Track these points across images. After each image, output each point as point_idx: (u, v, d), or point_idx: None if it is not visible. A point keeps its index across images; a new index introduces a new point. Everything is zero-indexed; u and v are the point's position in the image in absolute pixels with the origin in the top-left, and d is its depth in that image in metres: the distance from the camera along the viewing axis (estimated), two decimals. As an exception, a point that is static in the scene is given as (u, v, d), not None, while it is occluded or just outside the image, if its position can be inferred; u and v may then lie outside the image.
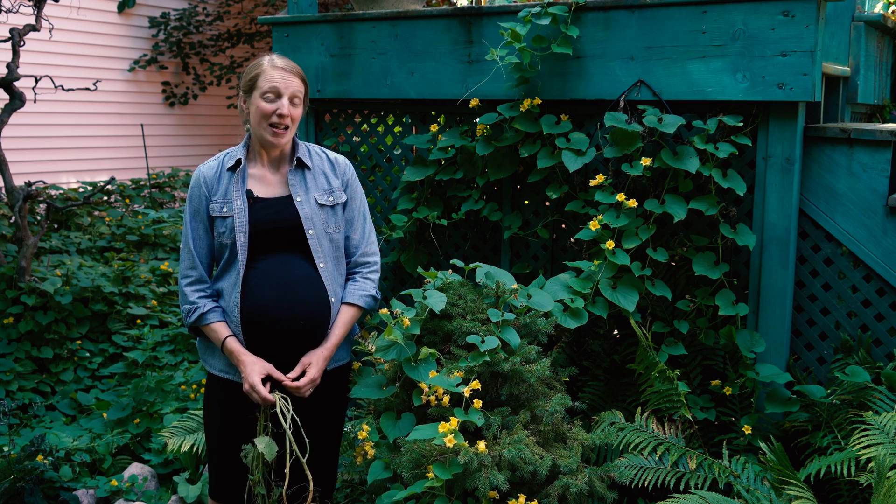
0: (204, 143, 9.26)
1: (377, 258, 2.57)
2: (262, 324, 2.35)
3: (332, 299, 2.42)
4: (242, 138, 2.53)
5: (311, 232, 2.39)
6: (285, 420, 2.25)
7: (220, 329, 2.37)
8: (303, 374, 2.36)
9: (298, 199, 2.40)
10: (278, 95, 2.34)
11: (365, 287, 2.51)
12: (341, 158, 2.54)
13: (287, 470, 2.26)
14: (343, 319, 2.45)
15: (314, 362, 2.37)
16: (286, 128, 2.37)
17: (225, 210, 2.37)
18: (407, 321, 2.32)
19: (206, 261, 2.43)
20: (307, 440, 2.32)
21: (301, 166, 2.45)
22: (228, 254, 2.38)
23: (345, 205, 2.49)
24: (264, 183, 2.43)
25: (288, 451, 2.25)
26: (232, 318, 2.37)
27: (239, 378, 2.37)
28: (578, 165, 2.95)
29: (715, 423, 2.95)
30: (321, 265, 2.41)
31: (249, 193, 2.39)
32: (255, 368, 2.30)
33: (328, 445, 2.56)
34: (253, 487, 2.30)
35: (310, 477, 2.28)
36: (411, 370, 2.28)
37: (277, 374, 2.33)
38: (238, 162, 2.41)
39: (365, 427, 2.45)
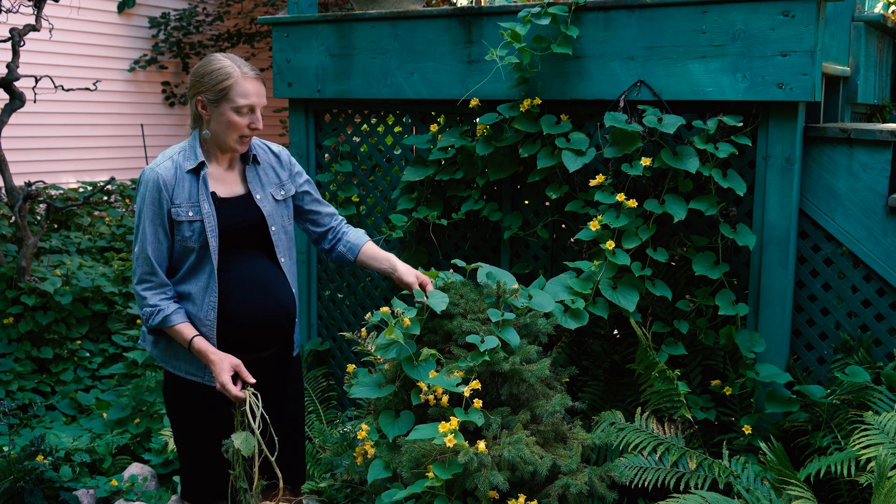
0: (204, 143, 9.25)
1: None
2: (245, 324, 2.35)
3: (294, 290, 2.50)
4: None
5: (273, 228, 2.43)
6: (254, 418, 2.25)
7: (186, 329, 2.32)
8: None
9: (258, 197, 2.42)
10: (252, 110, 2.32)
11: (359, 232, 2.65)
12: (284, 151, 2.55)
13: (255, 468, 2.26)
14: (379, 249, 2.62)
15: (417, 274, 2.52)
16: (252, 136, 2.39)
17: (192, 214, 2.30)
18: (407, 321, 2.32)
19: (165, 264, 2.36)
20: (276, 437, 2.32)
21: (255, 162, 2.46)
22: (195, 257, 2.33)
23: (302, 194, 2.56)
24: (223, 182, 2.40)
25: (256, 449, 2.24)
26: (206, 321, 2.33)
27: (208, 380, 2.36)
28: (578, 165, 2.95)
29: (715, 423, 2.95)
30: (282, 260, 2.46)
31: (214, 195, 2.36)
32: (223, 367, 2.27)
33: (295, 430, 2.58)
34: (235, 482, 2.30)
35: (279, 474, 2.28)
36: (411, 369, 2.29)
37: (243, 371, 2.29)
38: (201, 164, 2.35)
39: (364, 427, 2.45)
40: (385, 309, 2.41)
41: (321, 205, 2.63)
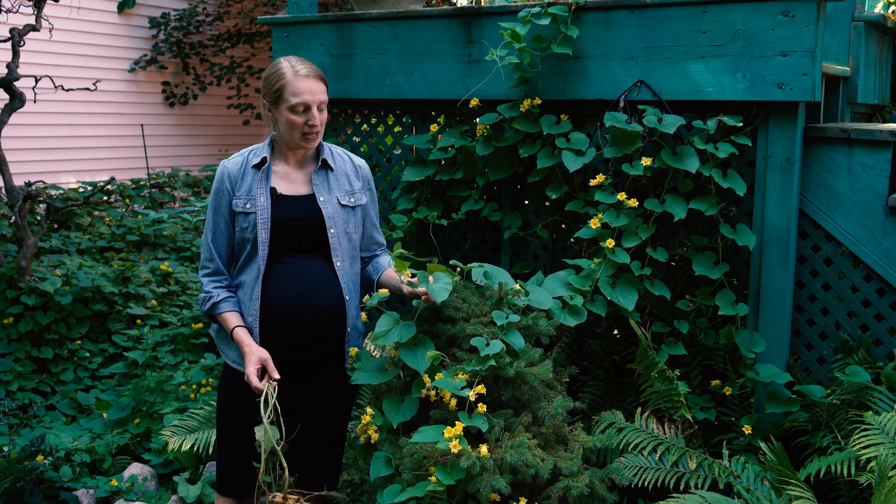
0: (204, 143, 9.26)
1: None
2: (282, 319, 2.41)
3: (347, 297, 2.50)
4: (242, 139, 2.55)
5: (332, 231, 2.46)
6: (265, 409, 2.26)
7: (231, 318, 2.44)
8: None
9: (322, 199, 2.46)
10: (307, 108, 2.37)
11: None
12: (364, 164, 2.63)
13: (262, 459, 2.27)
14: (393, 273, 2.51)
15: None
16: (317, 133, 2.43)
17: (248, 206, 2.42)
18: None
19: (225, 253, 2.49)
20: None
21: (325, 167, 2.51)
22: (250, 248, 2.43)
23: (364, 207, 2.57)
24: (288, 180, 2.49)
25: (263, 437, 2.25)
26: (251, 311, 2.43)
27: None
28: (578, 165, 2.95)
29: (715, 423, 2.95)
30: (338, 263, 2.48)
31: (273, 191, 2.44)
32: (251, 358, 2.35)
33: (328, 438, 2.57)
34: (258, 475, 2.31)
35: (285, 465, 2.29)
36: (409, 357, 2.26)
37: (269, 365, 2.36)
38: (263, 160, 2.46)
39: (369, 411, 2.42)
40: (384, 291, 2.43)
41: (376, 230, 2.66)
